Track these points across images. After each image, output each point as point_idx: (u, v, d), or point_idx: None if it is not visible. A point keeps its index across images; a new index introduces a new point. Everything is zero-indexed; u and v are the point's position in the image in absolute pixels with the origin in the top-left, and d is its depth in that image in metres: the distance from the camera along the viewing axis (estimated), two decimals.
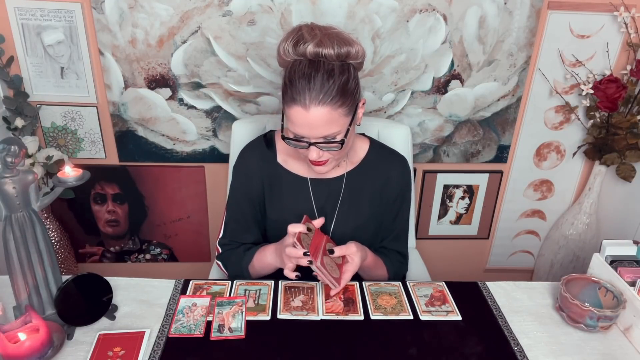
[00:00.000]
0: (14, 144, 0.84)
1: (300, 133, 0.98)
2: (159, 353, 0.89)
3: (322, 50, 0.94)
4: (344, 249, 1.02)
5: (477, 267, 2.00)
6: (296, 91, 0.94)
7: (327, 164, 1.04)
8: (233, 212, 1.18)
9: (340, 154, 1.04)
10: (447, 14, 1.48)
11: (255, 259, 1.12)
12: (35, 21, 1.42)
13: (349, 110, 0.97)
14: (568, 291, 1.00)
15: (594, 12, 1.51)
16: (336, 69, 0.95)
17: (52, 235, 1.63)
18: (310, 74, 0.93)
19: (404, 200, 1.19)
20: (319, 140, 0.97)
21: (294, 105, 0.94)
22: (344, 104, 0.95)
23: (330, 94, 0.93)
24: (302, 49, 0.94)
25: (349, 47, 0.96)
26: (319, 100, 0.93)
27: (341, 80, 0.94)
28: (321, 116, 0.94)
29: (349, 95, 0.96)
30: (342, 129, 0.98)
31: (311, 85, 0.93)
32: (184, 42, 1.47)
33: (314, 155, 0.99)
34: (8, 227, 0.87)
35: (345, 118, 0.97)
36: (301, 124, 0.96)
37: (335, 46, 0.94)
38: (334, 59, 0.95)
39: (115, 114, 1.57)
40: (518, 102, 1.64)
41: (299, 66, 0.95)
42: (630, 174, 1.60)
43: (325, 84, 0.93)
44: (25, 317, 0.85)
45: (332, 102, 0.93)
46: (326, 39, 0.94)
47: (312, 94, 0.93)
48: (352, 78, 0.97)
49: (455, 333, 0.97)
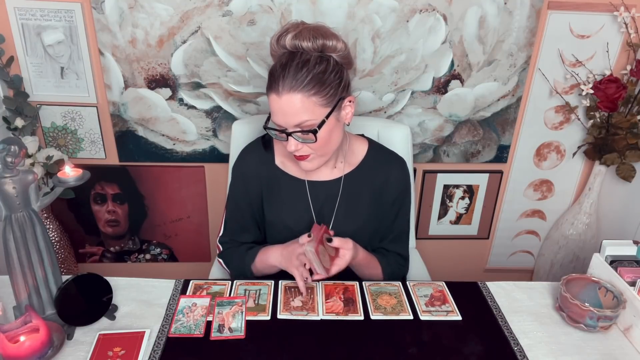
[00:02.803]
0: (14, 144, 0.84)
1: (275, 121, 1.00)
2: (159, 353, 0.89)
3: (299, 42, 0.97)
4: (342, 242, 1.03)
5: (477, 267, 2.00)
6: (273, 79, 0.97)
7: (310, 159, 1.04)
8: (232, 211, 1.20)
9: (322, 150, 1.03)
10: (447, 14, 1.48)
11: (258, 259, 1.13)
12: (35, 21, 1.42)
13: (325, 101, 0.98)
14: (568, 291, 1.00)
15: (594, 12, 1.51)
16: (312, 60, 0.97)
17: (52, 235, 1.63)
18: (286, 63, 0.97)
19: (403, 202, 1.18)
20: (295, 130, 0.99)
21: (270, 92, 0.98)
22: (318, 93, 0.96)
23: (302, 81, 0.95)
24: (283, 41, 0.98)
25: (325, 39, 0.98)
26: (290, 87, 0.95)
27: (316, 70, 0.96)
28: (293, 102, 0.96)
29: (326, 86, 0.97)
30: (315, 118, 0.98)
31: (285, 72, 0.96)
32: (184, 42, 1.47)
33: (291, 147, 1.01)
34: (8, 227, 0.87)
35: (321, 109, 0.98)
36: (276, 111, 0.99)
37: (311, 38, 0.97)
38: (311, 50, 0.98)
39: (115, 114, 1.57)
40: (518, 102, 1.64)
41: (280, 58, 0.99)
42: (630, 174, 1.60)
43: (298, 72, 0.95)
44: (25, 317, 0.85)
45: (305, 89, 0.95)
46: (306, 31, 0.98)
47: (285, 80, 0.95)
48: (332, 71, 0.98)
49: (455, 333, 0.97)
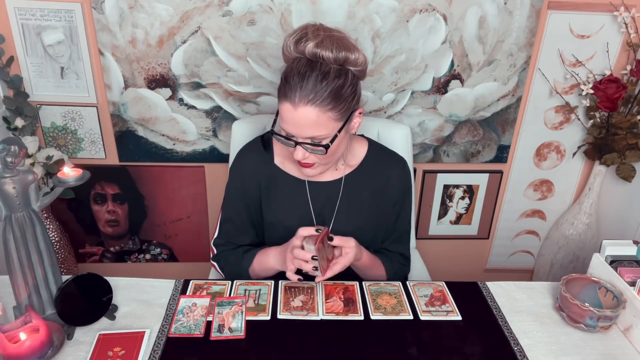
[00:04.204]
0: (14, 144, 0.84)
1: (287, 130, 0.98)
2: (159, 353, 0.89)
3: (320, 51, 0.93)
4: (344, 240, 1.01)
5: (477, 267, 2.00)
6: (289, 87, 0.94)
7: (314, 167, 1.03)
8: (228, 213, 1.18)
9: (328, 159, 1.02)
10: (447, 14, 1.48)
11: (256, 261, 1.12)
12: (35, 21, 1.42)
13: (340, 115, 0.96)
14: (568, 291, 1.00)
15: (594, 12, 1.51)
16: (332, 72, 0.94)
17: (52, 235, 1.63)
18: (305, 73, 0.93)
19: (404, 202, 1.18)
20: (305, 141, 0.97)
21: (285, 101, 0.95)
22: (334, 108, 0.94)
23: (321, 95, 0.92)
24: (302, 47, 0.94)
25: (348, 52, 0.95)
26: (308, 100, 0.92)
27: (335, 84, 0.94)
28: (309, 116, 0.93)
29: (342, 101, 0.95)
30: (329, 133, 0.97)
31: (303, 83, 0.92)
32: (184, 42, 1.47)
33: (299, 155, 0.99)
34: (8, 227, 0.87)
35: (335, 123, 0.96)
36: (289, 121, 0.96)
37: (334, 49, 0.93)
38: (331, 62, 0.95)
39: (115, 114, 1.57)
40: (518, 102, 1.64)
41: (297, 64, 0.95)
42: (630, 174, 1.60)
43: (317, 84, 0.92)
44: (25, 317, 0.85)
45: (322, 104, 0.93)
46: (328, 40, 0.94)
47: (302, 92, 0.92)
48: (349, 85, 0.96)
49: (455, 333, 0.97)
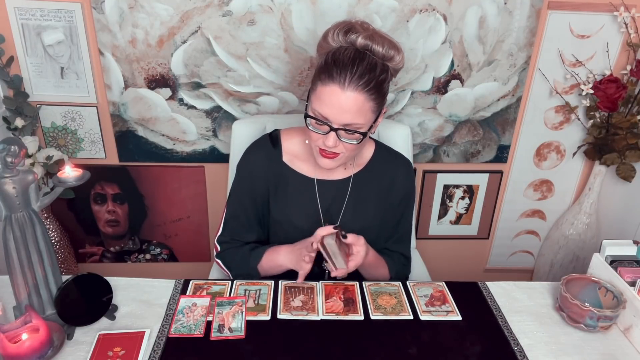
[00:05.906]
0: (14, 144, 0.84)
1: (326, 114, 0.96)
2: (159, 353, 0.89)
3: (372, 45, 0.96)
4: (356, 238, 1.01)
5: (477, 267, 2.00)
6: (337, 70, 0.94)
7: (337, 159, 1.02)
8: (234, 210, 1.17)
9: (352, 152, 1.03)
10: (447, 14, 1.48)
11: (265, 259, 1.11)
12: (35, 21, 1.42)
13: (377, 108, 0.98)
14: (568, 291, 1.00)
15: (594, 12, 1.51)
16: (379, 66, 0.97)
17: (52, 235, 1.63)
18: (356, 59, 0.95)
19: (408, 203, 1.19)
20: (340, 127, 0.96)
21: (331, 83, 0.94)
22: (376, 99, 0.96)
23: (369, 83, 0.94)
24: (354, 37, 0.96)
25: (396, 52, 0.99)
26: (357, 84, 0.93)
27: (380, 78, 0.96)
28: (354, 101, 0.94)
29: (382, 95, 0.98)
30: (365, 123, 0.98)
31: (355, 69, 0.94)
32: (184, 42, 1.47)
33: (330, 142, 0.97)
34: (8, 227, 0.87)
35: (372, 114, 0.98)
36: (332, 104, 0.95)
37: (385, 45, 0.97)
38: (379, 57, 0.97)
39: (115, 114, 1.57)
40: (518, 102, 1.64)
41: (346, 51, 0.97)
42: (630, 174, 1.60)
43: (367, 73, 0.94)
44: (25, 317, 0.85)
45: (369, 92, 0.95)
46: (377, 36, 0.97)
47: (353, 76, 0.93)
48: (387, 82, 0.99)
49: (455, 333, 0.97)
